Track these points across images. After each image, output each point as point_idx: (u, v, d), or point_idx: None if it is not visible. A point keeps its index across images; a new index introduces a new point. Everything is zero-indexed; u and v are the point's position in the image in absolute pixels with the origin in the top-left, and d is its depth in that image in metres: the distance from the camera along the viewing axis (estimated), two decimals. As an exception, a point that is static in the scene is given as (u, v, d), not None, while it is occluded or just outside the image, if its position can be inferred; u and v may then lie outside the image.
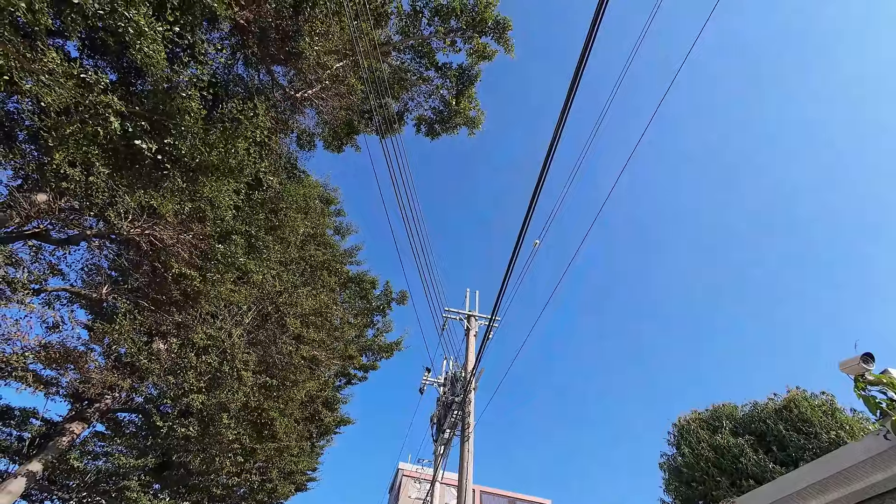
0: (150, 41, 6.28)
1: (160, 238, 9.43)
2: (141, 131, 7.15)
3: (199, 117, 7.50)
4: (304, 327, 13.15)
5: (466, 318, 15.08)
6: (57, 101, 6.00)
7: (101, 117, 6.41)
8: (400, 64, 13.96)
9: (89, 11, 5.69)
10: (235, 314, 11.68)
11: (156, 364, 10.23)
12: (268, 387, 12.13)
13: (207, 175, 7.96)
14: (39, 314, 8.37)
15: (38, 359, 8.34)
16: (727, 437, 8.88)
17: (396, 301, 17.27)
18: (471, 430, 12.55)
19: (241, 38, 11.29)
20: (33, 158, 8.14)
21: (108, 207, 8.21)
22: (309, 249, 13.77)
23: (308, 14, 10.46)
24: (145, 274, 10.67)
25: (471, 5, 12.91)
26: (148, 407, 12.33)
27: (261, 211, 11.14)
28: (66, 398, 10.43)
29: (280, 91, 12.78)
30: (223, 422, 10.89)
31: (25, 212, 8.23)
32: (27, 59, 5.86)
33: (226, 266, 10.46)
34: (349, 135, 14.19)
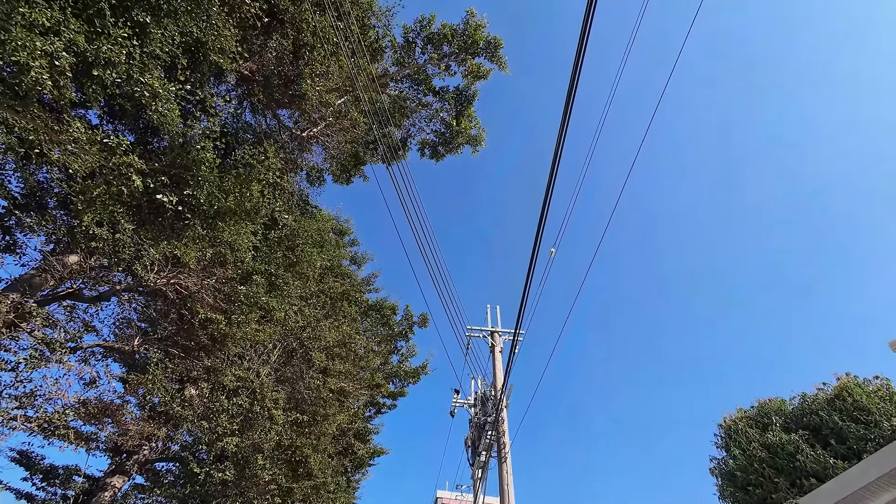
0: (164, 101, 6.66)
1: (185, 286, 9.72)
2: (161, 186, 7.50)
3: (214, 166, 7.82)
4: (330, 360, 13.19)
5: (490, 334, 14.90)
6: (83, 167, 6.36)
7: (124, 177, 6.76)
8: (398, 93, 14.39)
9: (108, 81, 6.09)
10: (262, 353, 11.82)
11: (189, 410, 10.35)
12: (299, 423, 12.10)
13: (226, 220, 8.23)
14: (77, 371, 8.61)
15: (78, 415, 8.54)
16: (779, 434, 8.41)
17: (418, 324, 17.23)
18: (507, 451, 12.20)
19: (247, 87, 11.85)
20: (63, 223, 8.56)
21: (134, 261, 8.54)
22: (327, 282, 13.95)
23: (307, 58, 10.94)
24: (173, 322, 10.95)
25: (461, 30, 13.32)
26: (184, 454, 12.40)
27: (278, 249, 11.40)
28: (105, 452, 10.59)
29: (287, 132, 13.28)
30: (258, 463, 10.86)
31: (59, 274, 8.61)
32: (54, 131, 6.26)
33: (249, 306, 10.66)
34: (356, 166, 14.55)
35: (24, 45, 4.88)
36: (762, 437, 8.65)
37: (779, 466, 8.12)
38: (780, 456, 8.19)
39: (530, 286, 7.40)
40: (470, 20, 13.40)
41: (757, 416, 9.42)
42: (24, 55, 4.92)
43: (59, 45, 5.40)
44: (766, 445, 8.46)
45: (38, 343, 7.76)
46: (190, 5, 7.06)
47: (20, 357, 7.70)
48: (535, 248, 6.58)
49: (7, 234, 8.26)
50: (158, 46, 6.86)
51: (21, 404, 7.70)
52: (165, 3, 6.91)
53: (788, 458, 8.02)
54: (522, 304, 7.94)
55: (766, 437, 8.56)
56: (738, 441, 9.07)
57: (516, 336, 10.49)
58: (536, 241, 6.39)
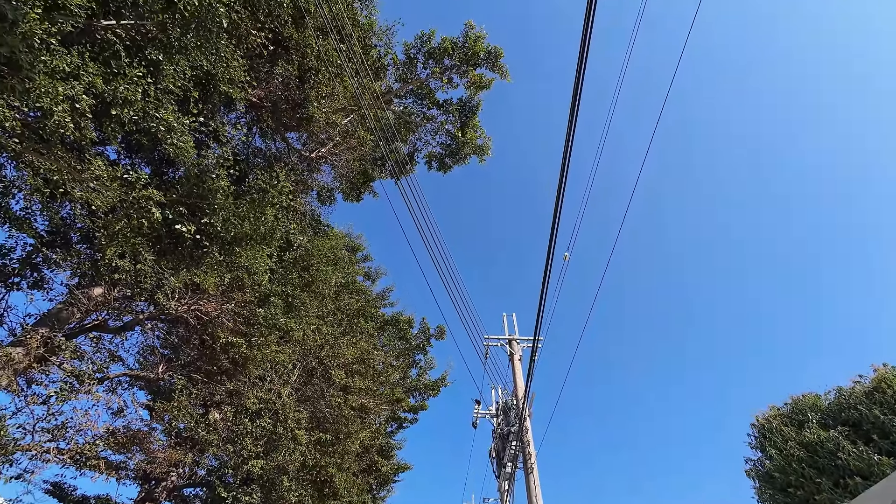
0: (179, 134, 6.87)
1: (205, 311, 9.88)
2: (179, 216, 7.69)
3: (229, 193, 8.00)
4: (349, 377, 13.20)
5: (508, 342, 14.76)
6: (105, 202, 6.56)
7: (143, 210, 6.95)
8: (403, 109, 14.59)
9: (126, 119, 6.31)
10: (282, 374, 11.89)
11: (214, 434, 10.43)
12: (322, 443, 12.09)
13: (242, 245, 8.38)
14: (105, 401, 8.78)
15: (108, 445, 8.67)
16: (816, 431, 8.10)
17: (435, 336, 17.18)
18: (533, 461, 11.98)
19: (256, 113, 12.15)
20: (87, 257, 8.82)
21: (156, 290, 8.73)
22: (343, 299, 14.04)
23: (313, 81, 11.20)
24: (195, 348, 11.11)
25: (461, 42, 13.50)
26: (211, 479, 12.46)
27: (293, 270, 11.54)
28: (135, 480, 10.71)
29: (296, 154, 13.54)
30: (284, 485, 10.86)
31: (85, 307, 8.84)
32: (77, 170, 6.49)
33: (268, 328, 10.78)
34: (365, 183, 14.73)
35: (48, 91, 5.11)
36: (799, 436, 8.33)
37: (820, 466, 7.80)
38: (819, 454, 7.87)
39: (546, 292, 7.33)
40: (469, 32, 13.59)
41: (791, 413, 9.09)
42: (48, 101, 5.14)
43: (79, 88, 5.63)
44: (804, 444, 8.14)
45: (68, 376, 7.95)
46: (200, 40, 7.31)
47: (51, 390, 7.89)
48: (549, 254, 6.53)
49: (35, 270, 8.53)
50: (171, 82, 7.10)
51: (53, 437, 7.86)
52: (176, 40, 7.17)
53: (829, 456, 7.70)
54: (540, 310, 7.86)
55: (803, 435, 8.25)
56: (773, 441, 8.76)
57: (535, 343, 10.35)
58: (550, 247, 6.35)
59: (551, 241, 6.23)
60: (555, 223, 5.94)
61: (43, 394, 7.94)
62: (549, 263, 6.60)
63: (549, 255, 6.47)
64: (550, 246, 6.30)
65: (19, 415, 7.78)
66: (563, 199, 5.52)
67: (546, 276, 6.92)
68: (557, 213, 5.68)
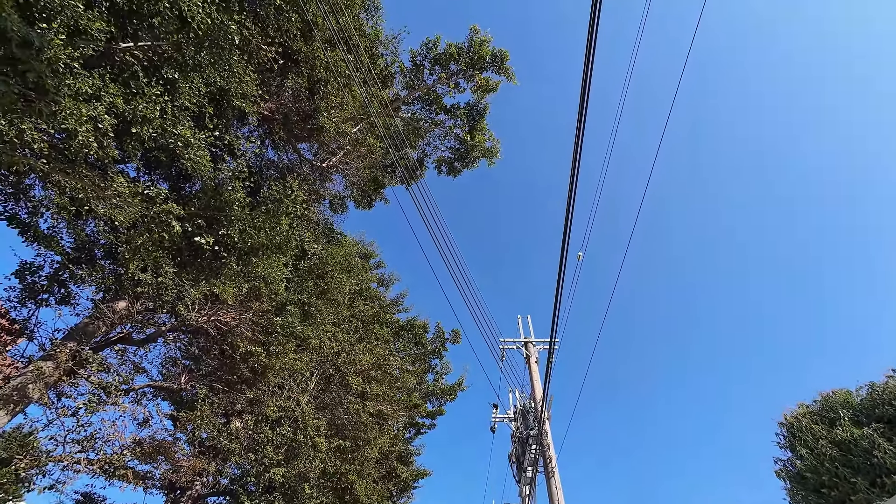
0: (196, 149, 7.05)
1: (224, 321, 10.07)
2: (197, 228, 7.87)
3: (245, 204, 8.17)
4: (367, 383, 13.26)
5: (524, 345, 14.64)
6: (127, 218, 6.77)
7: (164, 224, 7.15)
8: (411, 115, 14.72)
9: (145, 136, 6.52)
10: (300, 381, 12.01)
11: (236, 443, 10.57)
12: (342, 449, 12.14)
13: (258, 255, 8.54)
14: (131, 412, 8.99)
15: (135, 455, 8.87)
16: (849, 429, 7.82)
17: (450, 341, 17.16)
18: (554, 465, 11.82)
19: (268, 126, 12.40)
20: (111, 271, 9.08)
21: (177, 302, 8.94)
22: (358, 306, 14.14)
23: (322, 92, 11.39)
24: (215, 357, 11.31)
25: (466, 47, 13.59)
26: (234, 487, 12.61)
27: (309, 278, 11.68)
28: (161, 490, 10.90)
29: (307, 165, 13.75)
30: (305, 492, 10.92)
31: (110, 320, 9.09)
32: (100, 187, 6.71)
33: (285, 336, 10.92)
34: (376, 190, 14.86)
35: (72, 112, 5.31)
36: (830, 434, 8.05)
37: (854, 465, 7.52)
38: (853, 453, 7.59)
39: (561, 293, 7.27)
40: (474, 37, 13.67)
41: (821, 410, 8.80)
42: (73, 122, 5.35)
43: (101, 108, 5.84)
44: (837, 442, 7.86)
45: (96, 388, 8.17)
46: (213, 58, 7.52)
47: (80, 402, 8.12)
48: (563, 254, 6.49)
49: (62, 286, 8.82)
50: (187, 99, 7.31)
51: (83, 448, 8.08)
52: (191, 58, 7.39)
53: (864, 454, 7.42)
54: (555, 312, 7.80)
55: (835, 433, 7.97)
56: (803, 439, 8.48)
57: (552, 344, 10.25)
58: (564, 247, 6.31)
59: (564, 243, 6.19)
60: (567, 224, 5.91)
61: (72, 406, 8.17)
62: (563, 265, 6.55)
63: (562, 257, 6.43)
64: (563, 248, 6.26)
65: (51, 427, 8.04)
66: (575, 201, 5.49)
67: (560, 278, 6.87)
68: (570, 214, 5.65)
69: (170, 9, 6.69)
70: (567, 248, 6.35)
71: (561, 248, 6.36)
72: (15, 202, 7.11)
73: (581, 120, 4.84)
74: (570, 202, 5.60)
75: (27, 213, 7.22)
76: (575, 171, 5.22)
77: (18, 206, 7.15)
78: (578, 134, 4.95)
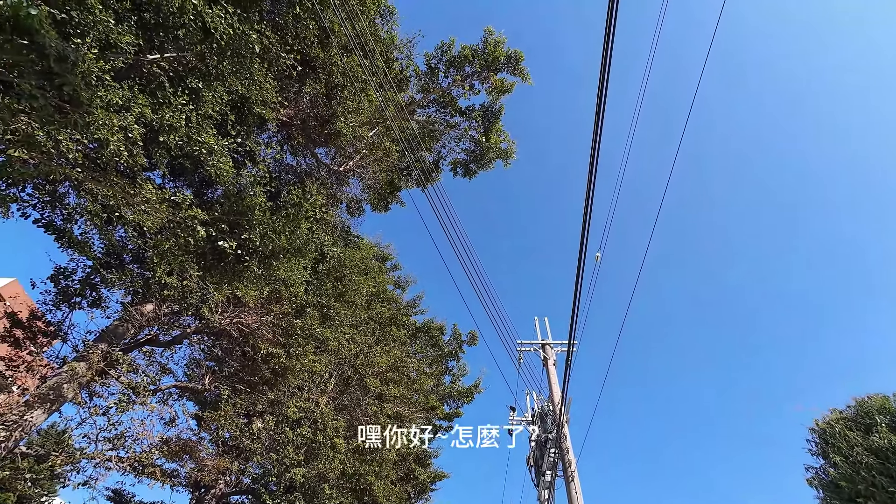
0: (219, 156, 7.25)
1: (246, 324, 10.30)
2: (221, 233, 8.08)
3: (266, 209, 8.35)
4: (384, 385, 13.35)
5: (541, 347, 14.49)
6: (155, 223, 7.00)
7: (189, 229, 7.36)
8: (426, 118, 14.79)
9: (172, 144, 6.74)
10: (319, 383, 12.18)
11: (258, 443, 10.78)
12: (360, 451, 12.24)
13: (279, 258, 8.71)
14: (158, 412, 9.26)
15: (162, 453, 9.13)
16: (887, 435, 7.46)
17: (467, 343, 17.13)
18: (573, 469, 11.66)
19: (286, 132, 12.66)
20: (139, 275, 9.40)
21: (201, 305, 9.19)
22: (375, 308, 14.26)
23: (339, 97, 11.56)
24: (238, 359, 11.57)
25: (481, 49, 13.59)
26: (256, 487, 12.86)
27: (327, 281, 11.84)
28: (186, 488, 11.19)
29: (325, 169, 13.97)
30: (325, 492, 11.05)
31: (138, 322, 9.41)
32: (129, 194, 6.96)
33: (305, 339, 11.10)
34: (392, 193, 14.98)
35: (104, 123, 5.54)
36: (866, 441, 7.70)
37: (892, 473, 7.17)
38: (891, 461, 7.24)
39: (580, 295, 7.18)
40: (488, 38, 13.67)
41: (856, 416, 8.42)
42: (105, 132, 5.57)
43: (130, 118, 6.07)
44: (873, 450, 7.51)
45: (125, 388, 8.45)
46: (235, 66, 7.73)
47: (111, 402, 8.41)
48: (581, 255, 6.41)
49: (94, 290, 9.16)
50: (211, 107, 7.52)
51: (114, 446, 8.35)
52: (214, 67, 7.61)
53: (903, 463, 7.07)
54: (574, 313, 7.70)
55: (872, 440, 7.61)
56: (837, 446, 8.13)
57: (571, 347, 10.12)
58: (582, 248, 6.23)
59: (582, 244, 6.11)
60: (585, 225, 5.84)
61: (103, 405, 8.46)
62: (581, 267, 6.47)
63: (580, 258, 6.35)
64: (582, 249, 6.19)
65: (83, 425, 8.35)
66: (592, 202, 5.42)
67: (579, 280, 6.79)
68: (587, 215, 5.58)
69: (194, 21, 6.90)
70: (585, 250, 6.27)
71: (579, 249, 6.29)
72: (51, 209, 7.44)
73: (598, 119, 4.78)
74: (588, 203, 5.53)
75: (62, 220, 7.54)
76: (593, 172, 5.16)
77: (54, 214, 7.48)
78: (596, 134, 4.89)
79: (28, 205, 7.27)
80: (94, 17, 5.56)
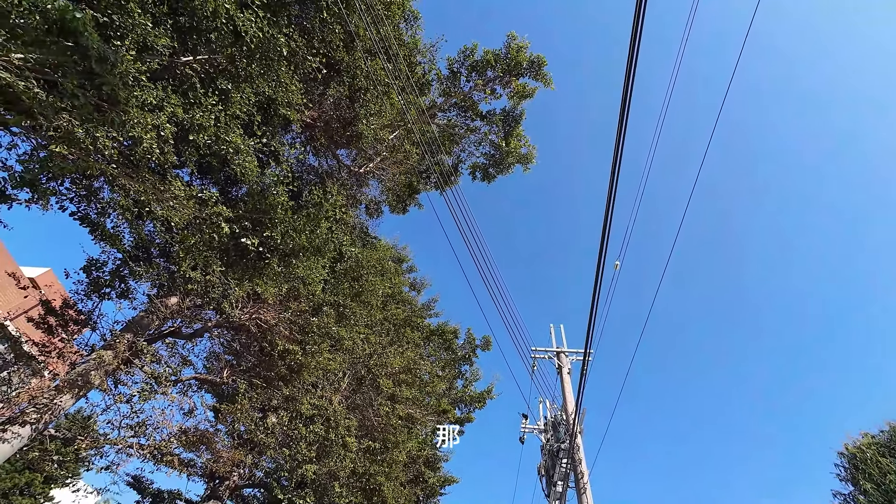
0: (245, 155, 7.46)
1: (265, 320, 10.51)
2: (244, 230, 8.30)
3: (288, 208, 8.53)
4: (397, 386, 13.39)
5: (556, 355, 14.31)
6: (182, 219, 7.23)
7: (214, 225, 7.58)
8: (447, 122, 14.86)
9: (200, 143, 6.97)
10: (333, 381, 12.31)
11: (271, 438, 10.96)
12: (371, 451, 12.30)
13: (299, 257, 8.87)
14: (178, 402, 9.52)
15: (180, 443, 9.38)
16: (924, 464, 7.05)
17: (481, 347, 17.04)
18: (586, 481, 11.43)
19: (310, 133, 12.92)
20: (165, 269, 9.73)
21: (222, 300, 9.43)
22: (390, 309, 14.35)
23: (362, 100, 11.74)
24: (255, 354, 11.81)
25: (503, 53, 13.59)
26: (268, 480, 13.07)
27: (344, 280, 11.99)
28: (201, 477, 11.46)
29: (345, 170, 14.19)
30: (335, 490, 11.14)
31: (162, 314, 9.72)
32: (159, 190, 7.22)
33: (321, 336, 11.25)
34: (411, 195, 15.08)
35: (139, 121, 5.78)
36: (901, 468, 7.29)
37: (929, 505, 6.76)
38: (929, 492, 6.83)
39: (598, 303, 7.05)
40: (511, 43, 13.66)
41: (889, 441, 7.99)
42: (139, 130, 5.81)
43: (163, 117, 6.31)
44: (909, 479, 7.10)
45: (148, 377, 8.73)
46: (263, 69, 7.95)
47: (134, 390, 8.70)
48: (600, 262, 6.30)
49: (122, 282, 9.52)
50: (238, 108, 7.75)
51: (136, 433, 8.64)
52: (243, 70, 7.84)
53: (942, 494, 6.66)
54: (591, 321, 7.57)
55: (907, 467, 7.21)
56: (868, 473, 7.72)
57: (587, 356, 9.94)
58: (601, 256, 6.13)
59: (601, 252, 6.02)
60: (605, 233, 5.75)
61: (127, 393, 8.77)
62: (600, 274, 6.37)
63: (600, 265, 6.25)
64: (601, 257, 6.09)
65: (108, 412, 8.66)
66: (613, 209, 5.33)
67: (597, 288, 6.68)
68: (608, 221, 5.49)
69: (226, 24, 7.14)
70: (605, 257, 6.17)
71: (598, 258, 6.19)
72: (87, 203, 7.78)
73: (622, 124, 4.71)
74: (609, 210, 5.44)
75: (96, 214, 7.88)
76: (614, 181, 5.08)
77: (89, 207, 7.82)
78: (619, 139, 4.82)
79: (66, 198, 7.62)
80: (133, 20, 5.82)
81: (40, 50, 5.02)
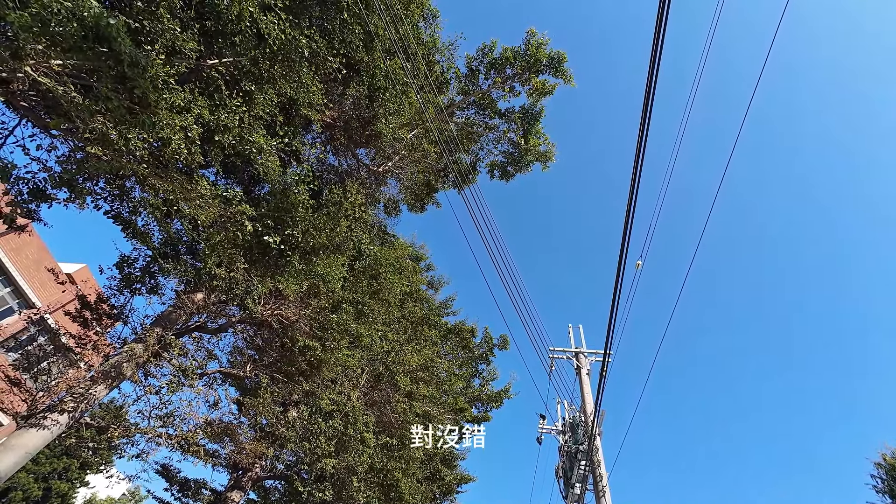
0: (268, 155, 7.63)
1: (286, 316, 10.75)
2: (266, 228, 8.49)
3: (308, 206, 8.69)
4: (414, 384, 13.48)
5: (574, 355, 14.13)
6: (208, 217, 7.46)
7: (238, 223, 7.79)
8: (465, 120, 14.82)
9: (225, 143, 7.17)
10: (352, 377, 12.49)
11: (292, 432, 11.22)
12: (389, 447, 12.44)
13: (319, 255, 9.02)
14: (204, 395, 9.85)
15: (206, 434, 9.71)
16: (971, 478, 6.65)
17: (498, 346, 16.97)
18: (605, 484, 11.27)
19: (329, 133, 13.11)
20: (191, 266, 10.06)
21: (246, 296, 9.69)
22: (408, 307, 14.44)
23: (381, 99, 11.83)
24: (277, 350, 12.10)
25: (523, 50, 13.45)
26: (289, 473, 13.39)
27: (363, 278, 12.13)
28: (225, 468, 11.83)
29: (364, 169, 14.33)
30: (353, 485, 11.32)
31: (189, 309, 10.06)
32: (187, 189, 7.47)
33: (340, 333, 11.42)
34: (429, 194, 15.12)
35: (168, 123, 5.99)
36: (945, 483, 6.90)
37: (977, 522, 6.37)
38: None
39: (618, 303, 6.91)
40: (531, 39, 13.50)
41: (932, 453, 7.57)
42: (168, 131, 6.02)
43: (190, 119, 6.51)
44: (953, 493, 6.71)
45: (176, 370, 9.06)
46: (285, 70, 8.11)
47: (163, 382, 9.05)
48: (621, 262, 6.18)
49: (152, 278, 9.90)
50: (261, 109, 7.93)
51: (164, 423, 8.98)
52: (266, 71, 8.01)
53: None
54: (611, 322, 7.43)
55: (952, 482, 6.81)
56: (908, 485, 7.34)
57: (606, 357, 9.77)
58: (622, 256, 6.01)
59: (622, 251, 5.89)
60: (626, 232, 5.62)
61: (157, 385, 9.13)
62: (621, 274, 6.24)
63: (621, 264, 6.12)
64: (622, 256, 5.96)
65: (138, 402, 9.04)
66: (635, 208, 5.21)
67: (617, 288, 6.55)
68: (629, 221, 5.37)
69: (250, 27, 7.32)
70: (626, 257, 6.04)
71: (619, 258, 6.07)
72: (119, 202, 8.12)
73: (644, 124, 4.60)
74: (631, 209, 5.32)
75: (128, 212, 8.21)
76: (636, 180, 4.96)
77: (122, 206, 8.16)
78: (641, 138, 4.70)
79: (100, 197, 7.97)
80: (163, 25, 6.03)
81: (77, 56, 5.26)
